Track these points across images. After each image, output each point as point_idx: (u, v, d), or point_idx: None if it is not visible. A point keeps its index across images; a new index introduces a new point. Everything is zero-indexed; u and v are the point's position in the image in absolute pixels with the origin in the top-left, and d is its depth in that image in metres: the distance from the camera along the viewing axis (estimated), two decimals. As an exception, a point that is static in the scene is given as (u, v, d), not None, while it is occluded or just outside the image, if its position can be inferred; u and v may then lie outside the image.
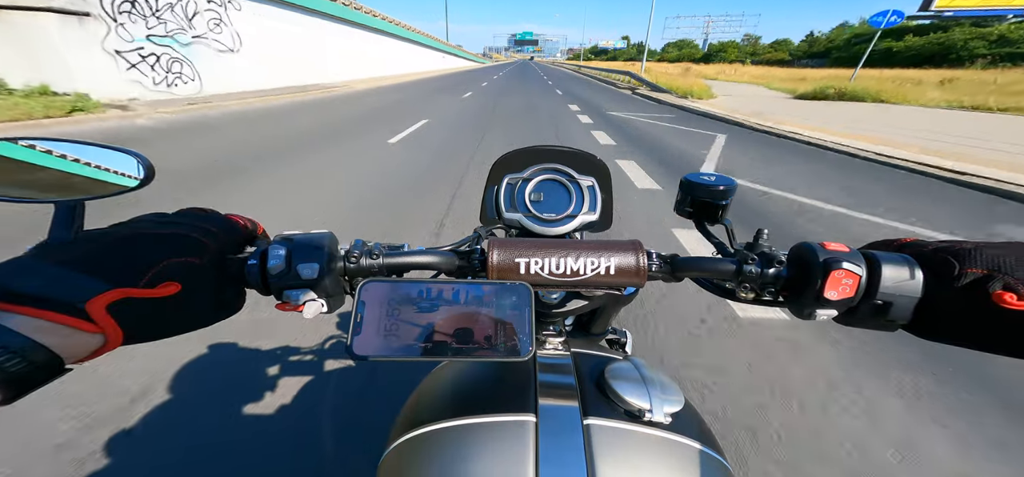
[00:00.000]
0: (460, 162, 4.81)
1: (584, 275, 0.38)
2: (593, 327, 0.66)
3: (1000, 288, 0.29)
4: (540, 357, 0.49)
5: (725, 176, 0.50)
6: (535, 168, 0.56)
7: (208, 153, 4.80)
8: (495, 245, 0.39)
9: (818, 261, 0.35)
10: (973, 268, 0.30)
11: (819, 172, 4.96)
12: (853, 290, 0.34)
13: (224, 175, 3.99)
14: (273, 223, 0.68)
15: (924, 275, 0.33)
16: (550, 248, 0.39)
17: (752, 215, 3.44)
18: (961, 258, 0.31)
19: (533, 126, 7.86)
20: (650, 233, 2.96)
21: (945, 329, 0.33)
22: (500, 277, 0.38)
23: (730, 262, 0.40)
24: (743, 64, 65.04)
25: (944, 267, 0.32)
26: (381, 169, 4.37)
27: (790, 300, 0.39)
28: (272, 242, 0.37)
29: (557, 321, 0.53)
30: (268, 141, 5.55)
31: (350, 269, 0.39)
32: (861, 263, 0.34)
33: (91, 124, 5.96)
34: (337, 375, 1.52)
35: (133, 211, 0.36)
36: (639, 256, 0.38)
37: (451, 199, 3.50)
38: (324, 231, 0.39)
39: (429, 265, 0.42)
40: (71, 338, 0.26)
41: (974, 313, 0.30)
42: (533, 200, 0.54)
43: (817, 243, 0.37)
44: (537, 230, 0.53)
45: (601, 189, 0.56)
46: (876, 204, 3.80)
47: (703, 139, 6.96)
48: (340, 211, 3.19)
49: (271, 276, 0.35)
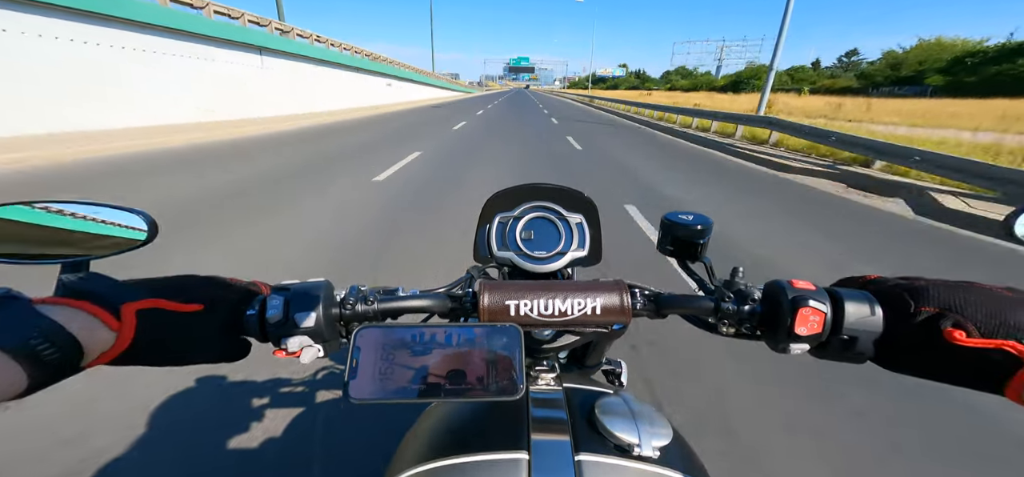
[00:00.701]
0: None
1: (571, 315, 0.40)
2: (587, 360, 0.67)
3: (950, 325, 0.31)
4: (533, 393, 0.50)
5: (702, 215, 0.53)
6: (525, 206, 0.59)
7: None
8: (486, 288, 0.41)
9: (787, 299, 0.37)
10: (927, 306, 0.33)
11: None
12: (820, 326, 0.36)
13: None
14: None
15: (884, 312, 0.35)
16: (539, 291, 0.40)
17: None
18: (916, 296, 0.34)
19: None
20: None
21: (905, 362, 0.35)
22: (491, 319, 0.40)
23: (709, 300, 0.43)
24: (801, 94, 47.94)
25: (901, 303, 0.34)
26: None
27: (766, 335, 0.41)
28: (270, 292, 0.39)
29: (550, 356, 0.55)
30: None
31: (346, 315, 0.41)
32: (826, 301, 0.37)
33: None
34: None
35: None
36: (623, 296, 0.40)
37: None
38: (320, 280, 0.41)
39: (423, 308, 0.44)
40: (96, 334, 0.30)
41: (929, 347, 0.32)
42: (524, 238, 0.56)
43: (786, 281, 0.39)
44: (528, 268, 0.56)
45: (589, 225, 0.59)
46: None
47: None
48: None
49: (269, 325, 0.37)
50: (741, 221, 4.15)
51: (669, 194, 5.23)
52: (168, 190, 4.49)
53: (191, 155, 6.50)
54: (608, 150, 9.09)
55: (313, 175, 5.46)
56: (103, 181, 4.80)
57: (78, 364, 0.29)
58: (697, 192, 5.51)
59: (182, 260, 2.73)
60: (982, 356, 0.30)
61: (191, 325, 0.35)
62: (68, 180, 4.72)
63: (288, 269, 2.70)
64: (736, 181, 6.30)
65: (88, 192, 4.29)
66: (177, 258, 2.74)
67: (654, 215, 4.09)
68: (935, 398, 1.68)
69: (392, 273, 2.74)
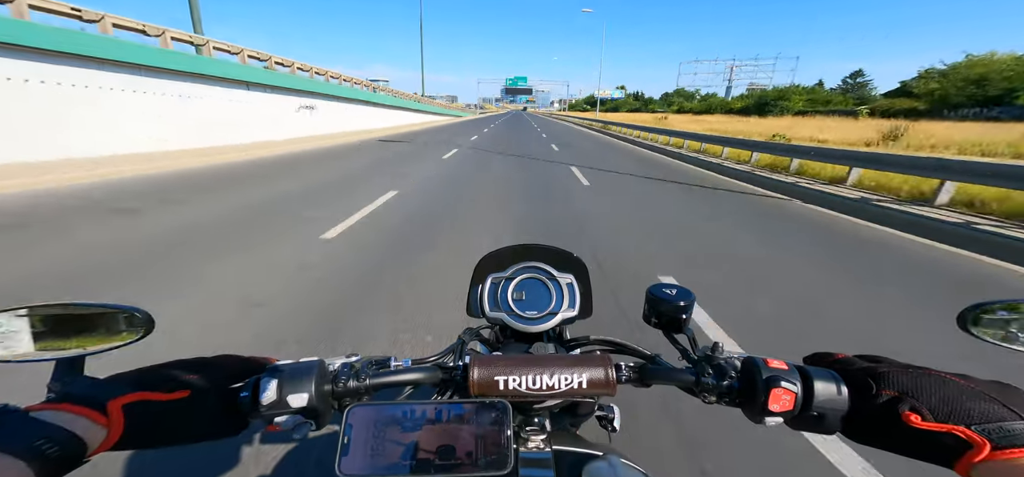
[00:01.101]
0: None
1: (559, 389, 0.41)
2: (579, 409, 0.68)
3: (908, 409, 0.34)
4: (522, 453, 0.51)
5: (685, 289, 0.55)
6: (517, 267, 0.61)
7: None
8: (476, 362, 0.42)
9: (762, 378, 0.40)
10: (887, 389, 0.36)
11: None
12: (792, 404, 0.39)
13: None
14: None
15: (849, 391, 0.38)
16: (526, 366, 0.42)
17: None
18: (878, 379, 0.37)
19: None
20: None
21: (869, 437, 0.38)
22: (481, 392, 0.41)
23: (690, 373, 0.45)
24: (858, 117, 36.57)
25: (865, 385, 0.38)
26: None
27: (743, 407, 0.43)
28: (264, 372, 0.40)
29: (541, 414, 0.56)
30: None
31: (338, 391, 0.42)
32: (797, 381, 0.39)
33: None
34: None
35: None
36: (608, 370, 0.42)
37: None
38: (313, 359, 0.42)
39: (414, 381, 0.45)
40: (90, 430, 0.32)
41: (890, 426, 0.36)
42: (515, 298, 0.58)
43: (762, 360, 0.41)
44: (519, 328, 0.57)
45: (579, 284, 0.61)
46: None
47: None
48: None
49: (263, 407, 0.38)
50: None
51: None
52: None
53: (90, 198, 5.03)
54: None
55: (244, 231, 4.05)
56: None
57: (80, 457, 0.31)
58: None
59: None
60: (935, 438, 0.33)
61: (178, 412, 0.36)
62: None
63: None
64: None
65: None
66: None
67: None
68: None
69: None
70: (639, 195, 6.81)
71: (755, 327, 2.53)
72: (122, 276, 2.95)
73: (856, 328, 2.59)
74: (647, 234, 4.57)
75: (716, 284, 3.17)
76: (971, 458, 0.31)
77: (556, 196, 6.37)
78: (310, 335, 2.23)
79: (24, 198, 4.95)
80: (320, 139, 14.44)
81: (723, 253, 4.02)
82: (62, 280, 2.86)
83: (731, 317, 2.59)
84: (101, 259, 3.23)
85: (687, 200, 6.57)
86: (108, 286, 2.80)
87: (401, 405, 0.38)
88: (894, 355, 0.40)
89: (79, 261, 3.18)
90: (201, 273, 3.01)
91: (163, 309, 2.37)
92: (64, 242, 3.57)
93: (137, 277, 2.93)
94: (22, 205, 4.66)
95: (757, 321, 2.62)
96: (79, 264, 3.12)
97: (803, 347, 0.49)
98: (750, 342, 2.35)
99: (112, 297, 2.00)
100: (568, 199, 6.21)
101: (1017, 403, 0.33)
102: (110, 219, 4.32)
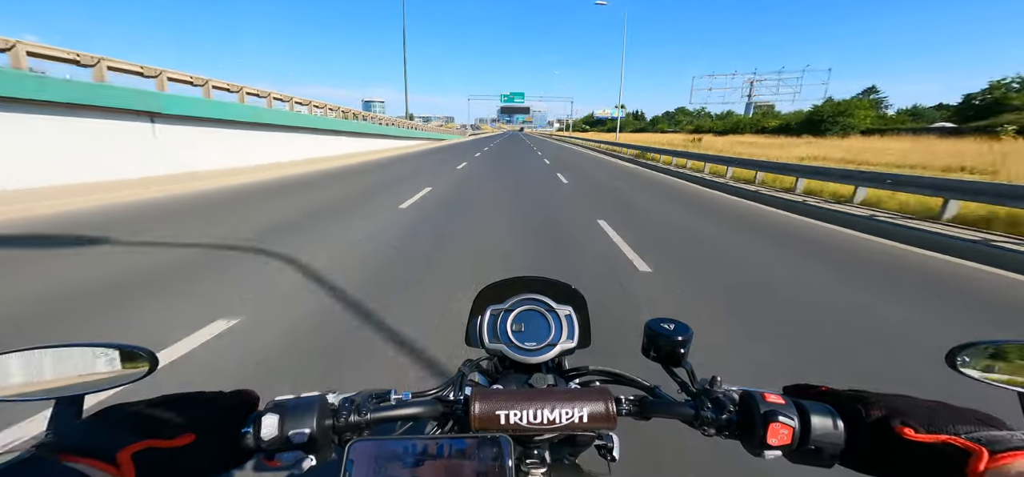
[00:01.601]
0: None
1: (559, 423, 0.41)
2: (578, 439, 0.68)
3: (899, 423, 0.36)
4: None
5: (683, 324, 0.57)
6: (516, 299, 0.62)
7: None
8: (477, 396, 0.42)
9: (759, 412, 0.40)
10: (876, 410, 0.38)
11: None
12: (790, 438, 0.40)
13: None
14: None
15: (843, 422, 0.39)
16: (527, 400, 0.42)
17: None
18: (865, 403, 0.39)
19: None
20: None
21: (870, 465, 0.39)
22: (482, 426, 0.41)
23: (689, 407, 0.45)
24: (999, 136, 20.99)
25: (854, 412, 0.39)
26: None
27: (742, 439, 0.44)
28: (266, 408, 0.40)
29: (541, 446, 0.56)
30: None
31: (339, 426, 0.42)
32: (794, 415, 0.40)
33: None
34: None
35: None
36: (608, 404, 0.42)
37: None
38: (314, 394, 0.42)
39: (415, 416, 0.45)
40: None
41: (887, 447, 0.37)
42: (515, 330, 0.59)
43: (759, 393, 0.42)
44: (519, 359, 0.57)
45: (578, 315, 0.61)
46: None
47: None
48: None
49: (264, 443, 0.38)
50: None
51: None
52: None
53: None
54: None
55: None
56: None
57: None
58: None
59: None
60: (934, 451, 0.34)
61: (186, 456, 0.36)
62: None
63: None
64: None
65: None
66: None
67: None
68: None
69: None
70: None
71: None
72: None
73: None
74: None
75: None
76: (975, 467, 0.32)
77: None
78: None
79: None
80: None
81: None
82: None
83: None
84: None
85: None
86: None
87: (402, 440, 0.38)
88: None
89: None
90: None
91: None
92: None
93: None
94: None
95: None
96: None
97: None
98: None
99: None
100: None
101: (997, 419, 0.34)
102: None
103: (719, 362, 2.31)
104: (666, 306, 3.12)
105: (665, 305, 3.14)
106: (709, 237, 5.39)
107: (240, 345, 2.37)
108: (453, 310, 2.86)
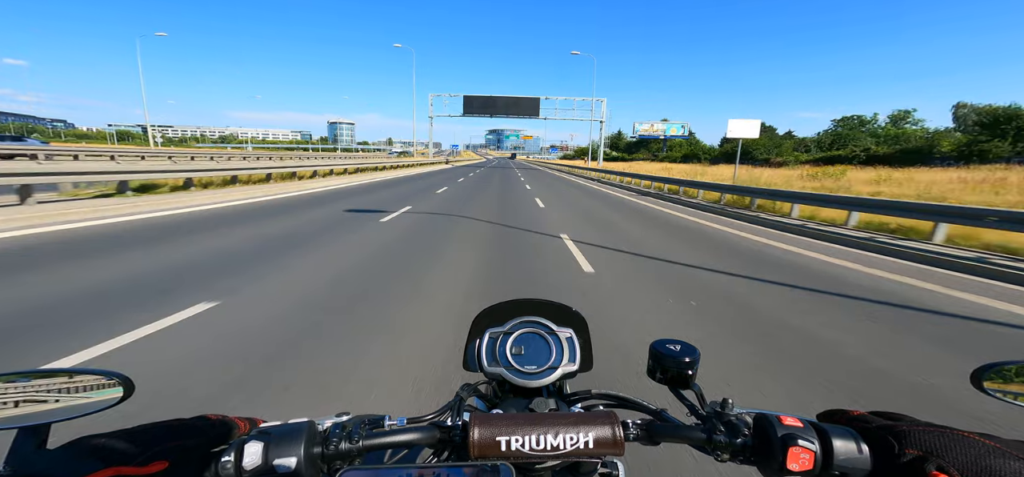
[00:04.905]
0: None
1: (563, 449, 0.39)
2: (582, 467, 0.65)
3: (935, 468, 0.33)
4: None
5: (689, 345, 0.54)
6: (515, 321, 0.59)
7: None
8: (476, 421, 0.40)
9: (777, 436, 0.38)
10: (911, 449, 0.34)
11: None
12: (811, 464, 0.37)
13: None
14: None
15: (870, 451, 0.37)
16: (530, 425, 0.40)
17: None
18: (900, 439, 0.35)
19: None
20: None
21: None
22: (481, 453, 0.38)
23: (701, 431, 0.43)
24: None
25: (886, 445, 0.36)
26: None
27: (759, 465, 0.41)
28: (249, 435, 0.37)
29: (544, 475, 0.53)
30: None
31: (329, 454, 0.39)
32: (814, 439, 0.38)
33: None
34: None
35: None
36: (615, 428, 0.40)
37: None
38: (302, 420, 0.39)
39: (409, 443, 0.42)
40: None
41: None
42: (514, 353, 0.56)
43: (775, 416, 0.40)
44: (519, 383, 0.55)
45: (579, 338, 0.59)
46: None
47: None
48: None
49: (246, 473, 0.35)
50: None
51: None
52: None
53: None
54: None
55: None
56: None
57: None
58: None
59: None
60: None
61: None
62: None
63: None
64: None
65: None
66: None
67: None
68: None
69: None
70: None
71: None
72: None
73: None
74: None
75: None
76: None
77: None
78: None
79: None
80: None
81: None
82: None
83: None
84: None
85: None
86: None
87: (396, 469, 0.36)
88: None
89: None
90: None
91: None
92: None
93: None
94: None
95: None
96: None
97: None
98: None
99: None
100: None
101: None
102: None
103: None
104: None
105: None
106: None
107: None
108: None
